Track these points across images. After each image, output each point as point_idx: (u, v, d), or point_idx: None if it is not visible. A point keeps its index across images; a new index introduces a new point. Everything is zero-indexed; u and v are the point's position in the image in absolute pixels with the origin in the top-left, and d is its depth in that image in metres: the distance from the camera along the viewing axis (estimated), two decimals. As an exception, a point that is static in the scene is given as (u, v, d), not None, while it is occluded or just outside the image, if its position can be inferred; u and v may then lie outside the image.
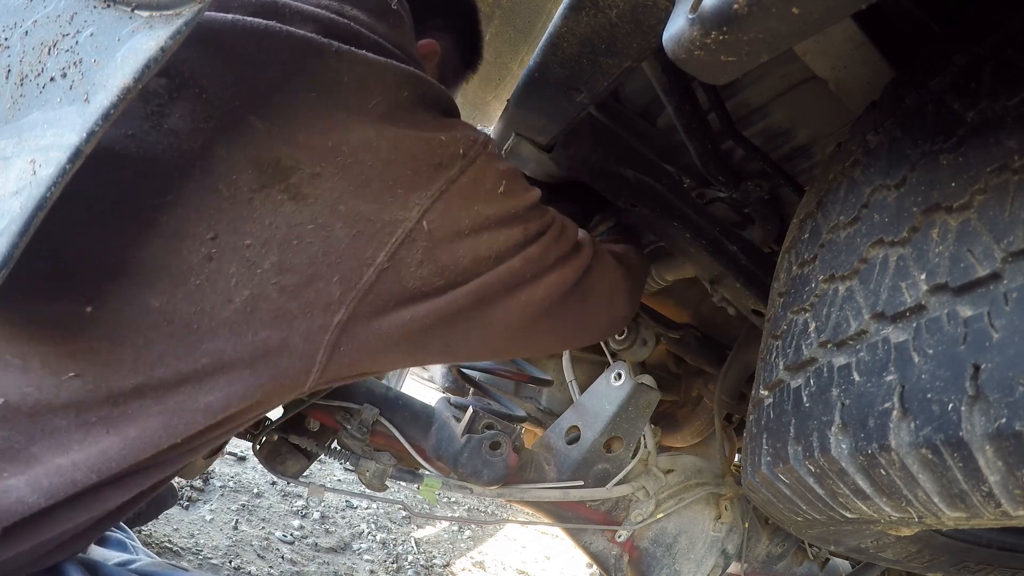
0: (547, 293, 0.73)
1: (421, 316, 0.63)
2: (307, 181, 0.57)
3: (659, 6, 0.52)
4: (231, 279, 0.54)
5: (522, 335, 0.74)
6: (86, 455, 0.52)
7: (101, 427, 0.53)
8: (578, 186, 1.03)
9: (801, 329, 0.59)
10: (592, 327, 0.88)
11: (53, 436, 0.52)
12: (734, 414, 1.41)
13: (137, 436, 0.53)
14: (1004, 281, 0.39)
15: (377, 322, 0.61)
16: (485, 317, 0.68)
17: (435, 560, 2.22)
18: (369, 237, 0.59)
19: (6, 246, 0.40)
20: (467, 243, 0.64)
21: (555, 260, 0.74)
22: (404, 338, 0.63)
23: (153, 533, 1.61)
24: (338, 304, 0.58)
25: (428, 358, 0.70)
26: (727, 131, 0.91)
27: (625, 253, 0.98)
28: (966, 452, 0.39)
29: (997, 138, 0.43)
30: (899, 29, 0.68)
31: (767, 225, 1.04)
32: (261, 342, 0.56)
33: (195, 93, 0.55)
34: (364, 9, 0.68)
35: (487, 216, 0.66)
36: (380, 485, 0.98)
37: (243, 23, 0.58)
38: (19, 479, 0.51)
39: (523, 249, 0.70)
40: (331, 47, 0.59)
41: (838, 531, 0.68)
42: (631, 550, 1.17)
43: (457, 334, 0.67)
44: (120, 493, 0.57)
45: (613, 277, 0.87)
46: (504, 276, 0.67)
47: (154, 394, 0.54)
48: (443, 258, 0.63)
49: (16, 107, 0.45)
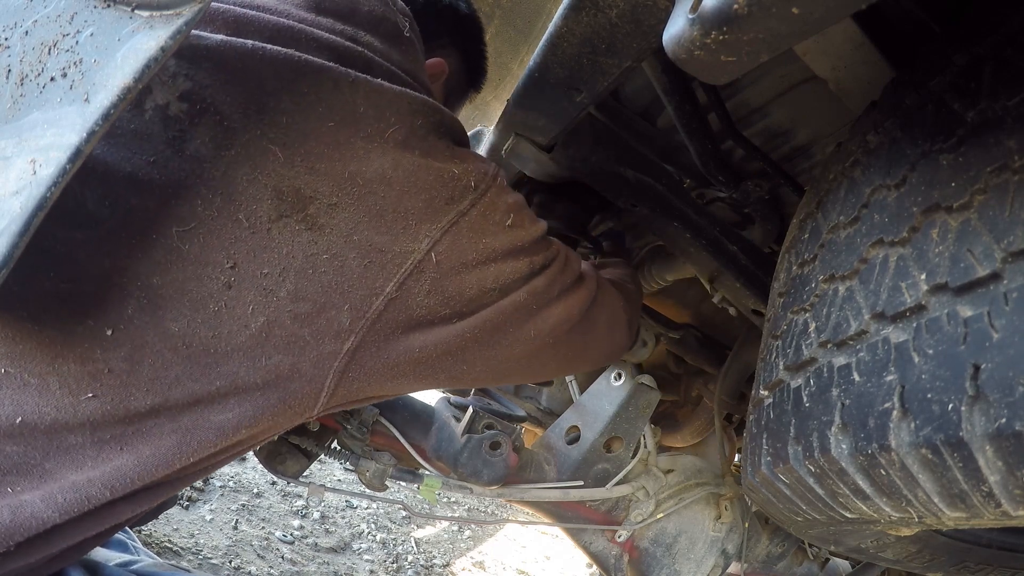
0: (553, 325, 0.74)
1: (429, 346, 0.64)
2: (324, 211, 0.58)
3: (659, 6, 0.52)
4: (248, 306, 0.55)
5: (526, 365, 0.76)
6: (100, 472, 0.53)
7: (115, 445, 0.53)
8: (578, 186, 1.03)
9: (801, 329, 0.59)
10: (593, 356, 0.89)
11: (68, 453, 0.52)
12: (734, 414, 1.41)
13: (151, 455, 0.54)
14: (1004, 281, 0.39)
15: (385, 350, 0.62)
16: (490, 349, 0.69)
17: (435, 560, 2.22)
18: (380, 267, 0.60)
19: (6, 246, 0.40)
20: (474, 275, 0.65)
21: (559, 292, 0.75)
22: (411, 367, 0.64)
23: (153, 533, 1.61)
24: (348, 332, 0.59)
25: (433, 384, 0.71)
26: (727, 131, 0.91)
27: (624, 280, 0.99)
28: (966, 452, 0.39)
29: (997, 138, 0.43)
30: (899, 29, 0.68)
31: (767, 225, 1.04)
32: (273, 367, 0.57)
33: (216, 120, 0.56)
34: (378, 35, 0.69)
35: (494, 249, 0.67)
36: (380, 485, 0.98)
37: (262, 51, 0.58)
38: (33, 494, 0.52)
39: (528, 282, 0.70)
40: (348, 76, 0.60)
41: (838, 531, 0.68)
42: (631, 550, 1.17)
43: (463, 364, 0.68)
44: (132, 508, 0.58)
45: (614, 308, 0.89)
46: (509, 309, 0.68)
47: (168, 414, 0.55)
48: (450, 289, 0.64)
49: (16, 107, 0.45)
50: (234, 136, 0.56)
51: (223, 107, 0.56)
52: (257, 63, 0.58)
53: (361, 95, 0.60)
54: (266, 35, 0.61)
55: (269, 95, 0.57)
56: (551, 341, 0.75)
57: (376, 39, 0.68)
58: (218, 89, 0.56)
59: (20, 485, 0.51)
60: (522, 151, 0.90)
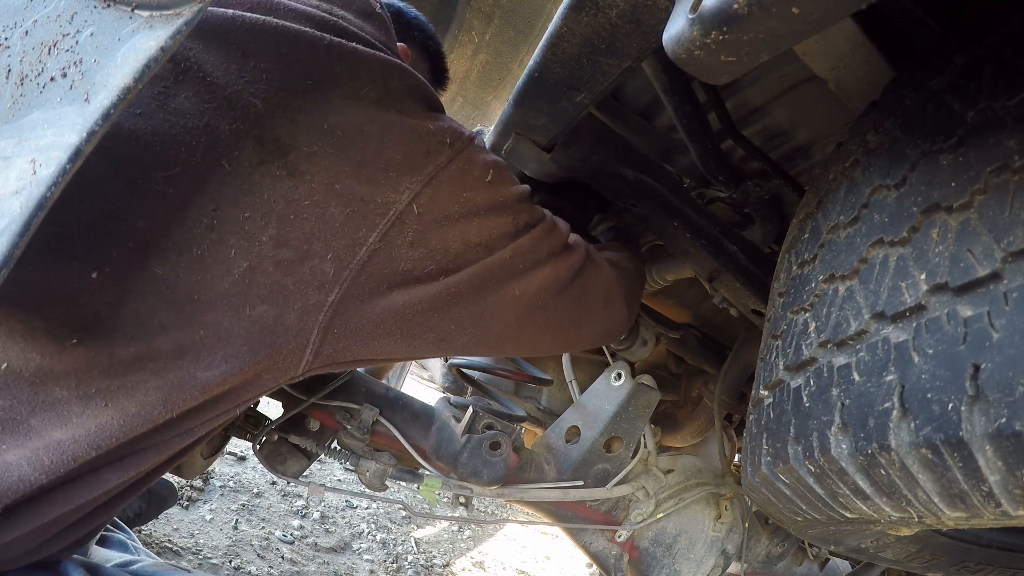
0: (540, 287, 0.74)
1: (414, 302, 0.64)
2: (304, 159, 0.59)
3: (659, 6, 0.52)
4: (231, 250, 0.56)
5: (515, 330, 0.75)
6: (85, 430, 0.54)
7: (100, 400, 0.54)
8: (578, 186, 1.03)
9: (801, 329, 0.59)
10: (587, 329, 0.88)
11: (54, 408, 0.53)
12: (734, 414, 1.41)
13: (136, 412, 0.55)
14: (1004, 281, 0.39)
15: (370, 305, 0.62)
16: (478, 307, 0.69)
17: (435, 560, 2.22)
18: (362, 217, 0.61)
19: (6, 246, 0.40)
20: (457, 229, 0.66)
21: (547, 255, 0.75)
22: (397, 325, 0.65)
23: (153, 533, 1.61)
24: (332, 283, 0.60)
25: (422, 349, 0.71)
26: (727, 131, 0.91)
27: (621, 260, 0.98)
28: (966, 452, 0.39)
29: (997, 138, 0.43)
30: (899, 29, 0.68)
31: (767, 225, 1.04)
32: (258, 317, 0.58)
33: (199, 78, 0.58)
34: (351, 11, 0.72)
35: (476, 203, 0.68)
36: (380, 485, 0.98)
37: (241, 18, 0.61)
38: (19, 453, 0.52)
39: (513, 240, 0.71)
40: (323, 40, 0.62)
41: (838, 531, 0.68)
42: (631, 550, 1.17)
43: (450, 324, 0.68)
44: (118, 473, 0.59)
45: (608, 280, 0.88)
46: (495, 266, 0.69)
47: (153, 366, 0.55)
48: (434, 242, 0.65)
49: (16, 107, 0.45)
50: (216, 91, 0.58)
51: (206, 67, 0.59)
52: (238, 28, 0.60)
53: (336, 57, 0.63)
54: (246, 5, 0.64)
55: (249, 57, 0.60)
56: (539, 304, 0.75)
57: (349, 14, 0.71)
58: (201, 52, 0.59)
59: (6, 443, 0.52)
60: (522, 151, 0.90)
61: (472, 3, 1.70)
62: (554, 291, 0.76)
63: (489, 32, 1.50)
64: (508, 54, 1.59)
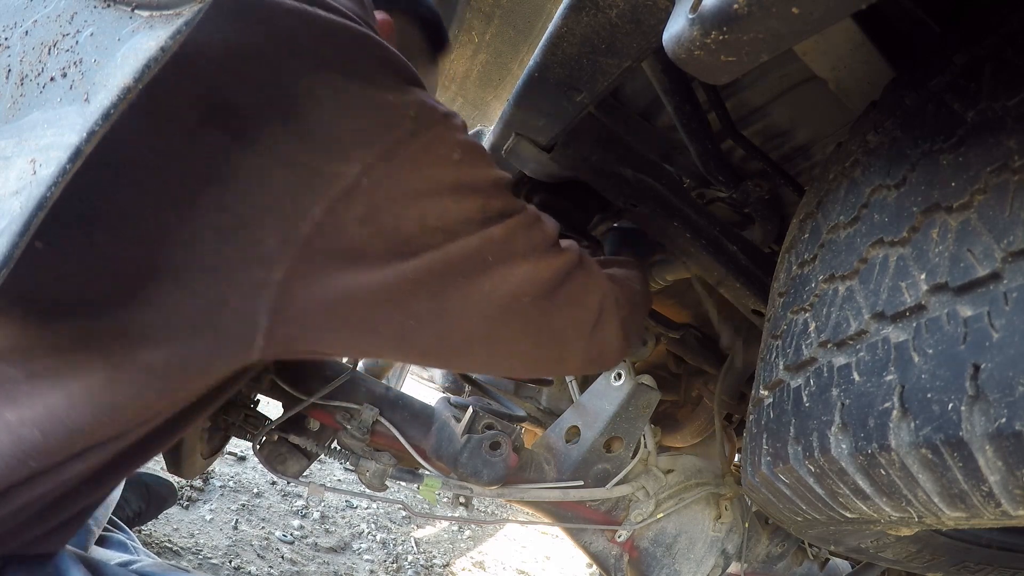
0: (515, 288, 0.66)
1: (366, 287, 0.59)
2: (250, 123, 0.56)
3: (659, 6, 0.52)
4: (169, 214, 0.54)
5: (484, 336, 0.67)
6: (33, 412, 0.53)
7: (47, 379, 0.53)
8: (578, 186, 1.03)
9: (801, 329, 0.59)
10: (571, 350, 0.76)
11: (3, 387, 0.52)
12: (734, 414, 1.41)
13: (80, 392, 0.53)
14: (1004, 281, 0.39)
15: (319, 285, 0.58)
16: (439, 303, 0.63)
17: (435, 560, 2.22)
18: (307, 187, 0.57)
19: (6, 246, 0.40)
20: (414, 209, 0.60)
21: (524, 250, 0.67)
22: (351, 312, 0.60)
23: (153, 533, 1.61)
24: (275, 258, 0.56)
25: (381, 346, 0.66)
26: (727, 131, 0.91)
27: (627, 279, 0.90)
28: (966, 452, 0.39)
29: (997, 138, 0.43)
30: (899, 29, 0.68)
31: (767, 225, 1.04)
32: (201, 292, 0.55)
33: None
34: None
35: (438, 181, 0.62)
36: (380, 485, 0.98)
37: None
38: None
39: (482, 228, 0.64)
40: (284, 5, 0.58)
41: (838, 531, 0.68)
42: (631, 550, 1.17)
43: (409, 319, 0.63)
44: (78, 463, 0.58)
45: (604, 297, 0.78)
46: (458, 255, 0.62)
47: (97, 344, 0.54)
48: (386, 220, 0.60)
49: (16, 107, 0.45)
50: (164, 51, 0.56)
51: None
52: None
53: (297, 21, 0.58)
54: None
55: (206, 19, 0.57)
56: (513, 308, 0.66)
57: None
58: None
59: None
60: (522, 151, 0.90)
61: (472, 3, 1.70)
62: (532, 295, 0.68)
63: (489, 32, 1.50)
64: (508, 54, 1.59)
